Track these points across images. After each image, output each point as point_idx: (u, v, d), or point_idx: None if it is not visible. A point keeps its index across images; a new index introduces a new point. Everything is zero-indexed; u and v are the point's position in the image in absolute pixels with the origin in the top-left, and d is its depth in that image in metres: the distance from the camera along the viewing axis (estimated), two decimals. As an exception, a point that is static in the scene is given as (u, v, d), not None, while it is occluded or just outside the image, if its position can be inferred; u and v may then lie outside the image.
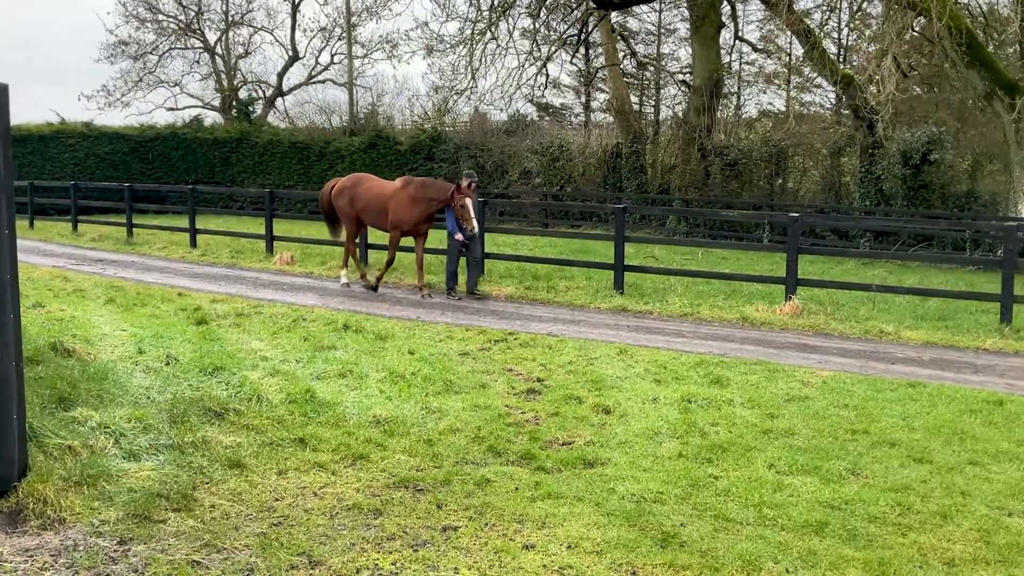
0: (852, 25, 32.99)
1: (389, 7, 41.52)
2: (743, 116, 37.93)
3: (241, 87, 42.60)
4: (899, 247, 23.21)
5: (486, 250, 16.03)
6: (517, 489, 5.67)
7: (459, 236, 14.14)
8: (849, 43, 34.84)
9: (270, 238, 19.19)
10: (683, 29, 36.30)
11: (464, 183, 13.82)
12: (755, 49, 35.81)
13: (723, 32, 30.34)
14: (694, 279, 15.93)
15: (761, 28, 36.89)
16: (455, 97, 27.96)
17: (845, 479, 6.00)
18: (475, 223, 13.62)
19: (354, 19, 40.38)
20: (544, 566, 4.65)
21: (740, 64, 37.98)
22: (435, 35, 30.41)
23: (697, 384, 8.56)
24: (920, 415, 7.63)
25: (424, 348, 9.79)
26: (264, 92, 43.16)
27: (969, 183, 24.95)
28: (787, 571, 4.61)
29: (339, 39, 41.77)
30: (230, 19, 41.74)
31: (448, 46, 26.14)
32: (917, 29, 24.71)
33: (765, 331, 11.98)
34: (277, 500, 5.42)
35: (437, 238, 16.77)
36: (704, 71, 28.62)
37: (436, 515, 5.28)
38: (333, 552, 4.75)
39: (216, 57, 42.09)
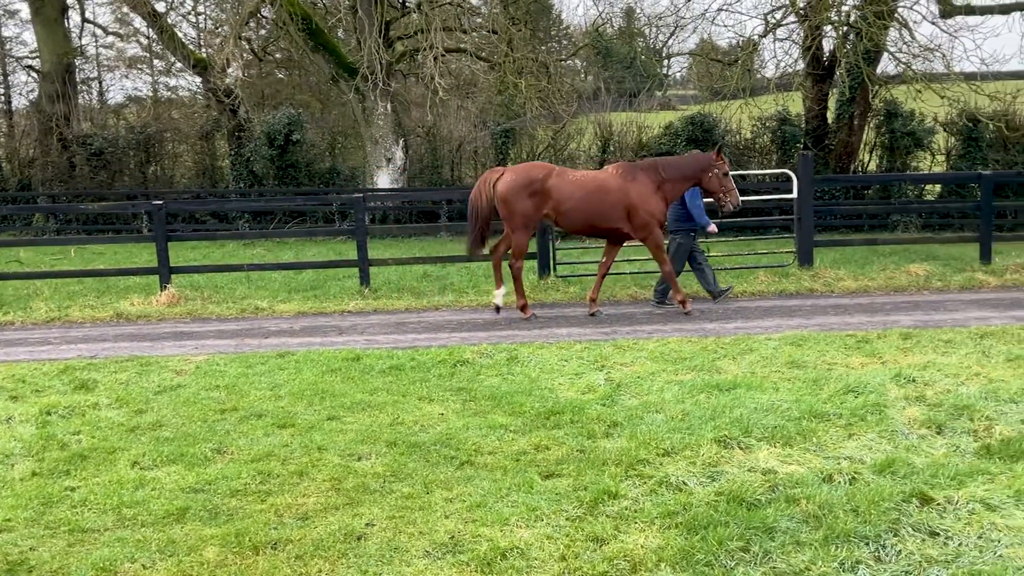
0: (204, 9, 33.23)
1: None
2: (108, 102, 36.06)
3: None
4: (276, 225, 24.23)
5: None
6: None
7: (712, 227, 11.38)
8: (207, 27, 35.08)
9: None
10: (25, 10, 32.99)
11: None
12: (107, 32, 34.05)
13: (72, 14, 28.30)
14: (64, 280, 14.81)
15: (115, 11, 35.21)
16: None
17: (211, 460, 6.06)
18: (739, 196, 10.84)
19: None
20: None
21: (97, 48, 35.89)
22: None
23: (60, 393, 7.93)
24: (288, 383, 8.04)
25: None
26: None
27: (331, 160, 26.94)
28: (144, 567, 4.51)
29: None
30: None
31: None
32: (270, 15, 25.77)
33: (141, 324, 11.60)
34: None
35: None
36: (52, 55, 26.43)
37: None
38: None
39: None
